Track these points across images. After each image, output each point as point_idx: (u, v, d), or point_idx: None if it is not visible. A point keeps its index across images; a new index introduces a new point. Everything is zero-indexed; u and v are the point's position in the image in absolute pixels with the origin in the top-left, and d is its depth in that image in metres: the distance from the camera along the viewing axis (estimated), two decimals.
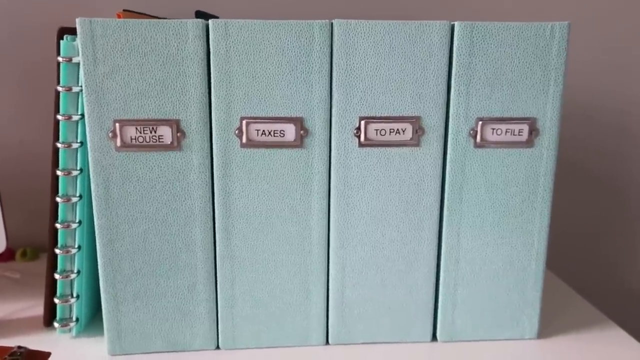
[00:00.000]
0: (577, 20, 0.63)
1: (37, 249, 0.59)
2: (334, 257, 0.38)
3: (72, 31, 0.36)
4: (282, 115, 0.35)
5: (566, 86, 0.63)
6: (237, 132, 0.35)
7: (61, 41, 0.36)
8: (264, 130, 0.36)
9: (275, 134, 0.36)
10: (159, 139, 0.35)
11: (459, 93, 0.36)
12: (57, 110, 0.37)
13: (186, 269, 0.37)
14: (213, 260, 0.38)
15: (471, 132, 0.37)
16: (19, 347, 0.36)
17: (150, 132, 0.35)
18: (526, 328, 0.41)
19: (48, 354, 0.36)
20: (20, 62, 0.58)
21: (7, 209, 0.58)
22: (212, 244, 0.37)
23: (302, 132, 0.36)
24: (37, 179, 0.59)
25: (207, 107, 0.35)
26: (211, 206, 0.37)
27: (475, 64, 0.36)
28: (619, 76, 0.65)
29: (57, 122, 0.37)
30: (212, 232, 0.37)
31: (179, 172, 0.36)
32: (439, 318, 0.40)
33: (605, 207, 0.69)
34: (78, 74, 0.36)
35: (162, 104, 0.35)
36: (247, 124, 0.35)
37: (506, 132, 0.37)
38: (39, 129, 0.59)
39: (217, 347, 0.39)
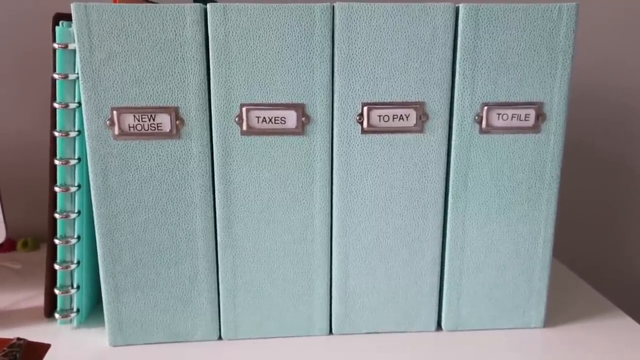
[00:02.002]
0: (585, 0, 0.62)
1: (38, 239, 0.59)
2: (337, 246, 0.38)
3: (68, 17, 0.36)
4: (283, 102, 0.35)
5: (574, 69, 0.62)
6: (237, 119, 0.35)
7: (57, 27, 0.35)
8: (264, 117, 0.35)
9: (276, 121, 0.35)
10: (157, 126, 0.34)
11: (464, 77, 0.35)
12: (53, 98, 0.36)
13: (187, 258, 0.37)
14: (214, 250, 0.37)
15: (476, 117, 0.36)
16: (18, 338, 0.35)
17: (149, 120, 0.34)
18: (532, 317, 0.40)
19: (47, 346, 0.36)
20: (16, 50, 0.57)
21: (8, 198, 0.58)
22: (213, 234, 0.37)
23: (303, 118, 0.35)
24: (37, 168, 0.59)
25: (206, 94, 0.35)
26: (212, 195, 0.36)
27: (481, 48, 0.35)
28: (627, 58, 0.64)
29: (54, 110, 0.36)
30: (213, 222, 0.37)
31: (179, 161, 0.35)
32: (444, 307, 0.40)
33: (613, 193, 0.68)
34: (74, 61, 0.36)
35: (161, 91, 0.34)
36: (247, 111, 0.35)
37: (512, 117, 0.36)
38: (36, 117, 0.59)
39: (220, 338, 0.39)
